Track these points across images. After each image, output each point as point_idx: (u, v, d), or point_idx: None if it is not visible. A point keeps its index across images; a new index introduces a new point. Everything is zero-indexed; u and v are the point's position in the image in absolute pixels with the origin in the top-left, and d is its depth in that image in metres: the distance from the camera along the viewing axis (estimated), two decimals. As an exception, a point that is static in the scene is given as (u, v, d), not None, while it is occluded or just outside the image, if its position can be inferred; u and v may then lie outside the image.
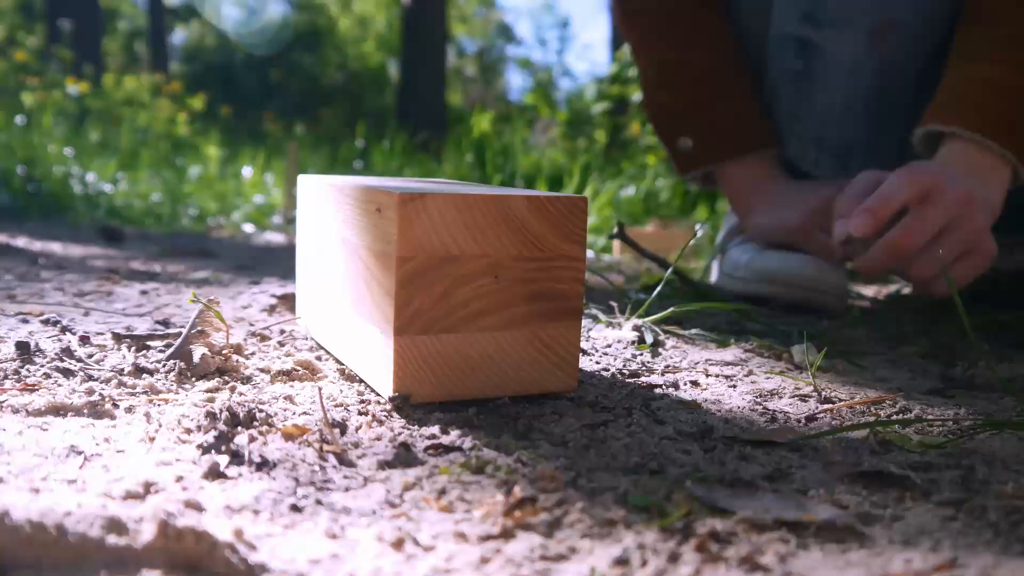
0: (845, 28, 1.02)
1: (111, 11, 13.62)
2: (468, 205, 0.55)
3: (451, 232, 0.54)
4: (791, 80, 1.08)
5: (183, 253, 1.60)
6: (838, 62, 1.04)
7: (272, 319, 0.86)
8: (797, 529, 0.39)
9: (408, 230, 0.53)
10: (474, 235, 0.55)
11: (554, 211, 0.57)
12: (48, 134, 3.15)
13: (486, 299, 0.56)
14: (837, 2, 1.01)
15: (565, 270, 0.58)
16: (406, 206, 0.53)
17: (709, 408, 0.60)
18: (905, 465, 0.48)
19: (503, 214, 0.56)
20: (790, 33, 1.06)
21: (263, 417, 0.52)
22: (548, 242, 0.57)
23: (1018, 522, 0.41)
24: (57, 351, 0.64)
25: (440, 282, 0.55)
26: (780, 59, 1.09)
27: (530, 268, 0.57)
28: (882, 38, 1.02)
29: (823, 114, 1.07)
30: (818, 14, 1.03)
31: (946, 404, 0.63)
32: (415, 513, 0.40)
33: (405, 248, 0.53)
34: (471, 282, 0.55)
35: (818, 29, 1.03)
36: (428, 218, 0.54)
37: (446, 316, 0.55)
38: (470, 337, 0.56)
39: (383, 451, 0.48)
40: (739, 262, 1.12)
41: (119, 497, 0.40)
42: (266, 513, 0.39)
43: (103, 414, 0.53)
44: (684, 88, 1.15)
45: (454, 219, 0.54)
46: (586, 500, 0.42)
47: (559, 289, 0.58)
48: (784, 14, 1.06)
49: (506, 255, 0.56)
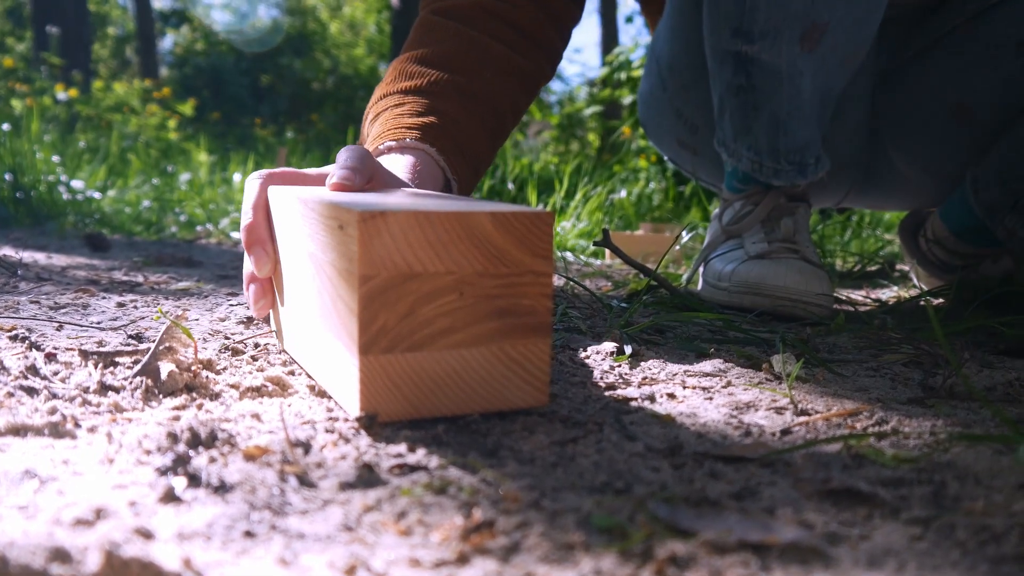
0: (776, 38, 1.02)
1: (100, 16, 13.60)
2: (431, 222, 0.54)
3: (414, 249, 0.53)
4: (735, 94, 1.08)
5: (168, 262, 1.59)
6: (776, 71, 1.04)
7: (248, 332, 0.85)
8: (760, 551, 0.38)
9: (369, 248, 0.52)
10: (437, 252, 0.54)
11: (519, 227, 0.56)
12: (36, 140, 3.13)
13: (452, 316, 0.55)
14: (765, 14, 1.01)
15: (532, 286, 0.57)
16: (367, 224, 0.52)
17: (683, 422, 0.59)
18: (876, 481, 0.48)
19: (467, 231, 0.55)
20: (726, 49, 1.06)
21: (226, 437, 0.51)
22: (513, 258, 0.56)
23: (986, 541, 0.40)
24: (22, 368, 0.63)
25: (404, 300, 0.54)
26: (722, 75, 1.09)
27: (496, 284, 0.56)
28: (814, 42, 1.02)
29: (772, 124, 1.07)
30: (748, 28, 1.03)
31: (924, 415, 0.63)
32: (371, 538, 0.39)
33: (367, 266, 0.52)
34: (436, 299, 0.54)
35: (750, 43, 1.03)
36: (390, 236, 0.53)
37: (411, 334, 0.54)
38: (437, 355, 0.55)
39: (346, 471, 0.47)
40: (723, 272, 1.12)
41: (68, 524, 0.39)
42: (218, 540, 0.38)
43: (64, 434, 0.52)
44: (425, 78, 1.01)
45: (417, 236, 0.53)
46: (547, 523, 0.41)
47: (526, 305, 0.57)
48: (717, 31, 1.06)
49: (471, 271, 0.55)
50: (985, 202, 1.18)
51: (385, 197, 0.64)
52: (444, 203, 0.59)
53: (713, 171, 1.36)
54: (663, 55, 1.31)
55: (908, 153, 1.27)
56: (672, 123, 1.36)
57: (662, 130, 1.40)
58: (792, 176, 1.11)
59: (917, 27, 1.24)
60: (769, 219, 1.13)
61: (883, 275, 1.74)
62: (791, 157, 1.10)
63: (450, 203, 0.60)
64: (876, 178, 1.35)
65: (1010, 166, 1.15)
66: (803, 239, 1.12)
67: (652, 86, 1.37)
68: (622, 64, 4.55)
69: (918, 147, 1.26)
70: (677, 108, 1.33)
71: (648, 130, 1.45)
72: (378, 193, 0.68)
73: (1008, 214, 1.15)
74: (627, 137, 4.11)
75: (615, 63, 4.59)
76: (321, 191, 0.69)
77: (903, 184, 1.34)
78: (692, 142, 1.35)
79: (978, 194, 1.19)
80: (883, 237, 2.67)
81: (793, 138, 1.08)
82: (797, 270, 1.03)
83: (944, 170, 1.26)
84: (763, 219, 1.14)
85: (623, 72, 4.52)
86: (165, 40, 14.59)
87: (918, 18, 1.24)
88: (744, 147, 1.11)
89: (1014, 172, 1.14)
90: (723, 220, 1.19)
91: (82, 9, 8.60)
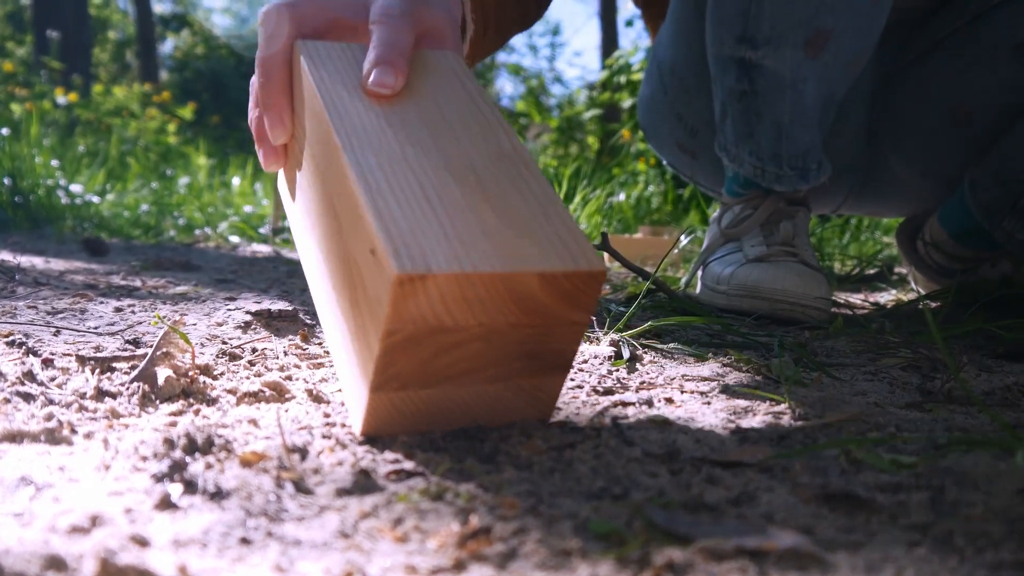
0: (781, 44, 1.02)
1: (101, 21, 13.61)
2: (473, 283, 0.48)
3: (448, 307, 0.49)
4: (738, 99, 1.08)
5: (166, 266, 1.59)
6: (779, 77, 1.04)
7: (245, 337, 0.85)
8: (758, 558, 0.38)
9: (401, 308, 0.48)
10: (473, 308, 0.49)
11: (569, 287, 0.51)
12: (36, 145, 3.13)
13: (474, 361, 0.52)
14: (769, 21, 1.01)
15: (566, 333, 0.53)
16: (403, 287, 0.47)
17: (681, 427, 0.59)
18: (874, 486, 0.48)
19: (511, 291, 0.50)
20: (729, 55, 1.06)
21: (222, 443, 0.51)
22: (554, 312, 0.52)
23: (984, 547, 0.40)
24: (19, 374, 0.63)
25: (427, 348, 0.50)
26: (724, 81, 1.09)
27: (528, 333, 0.52)
28: (819, 48, 1.02)
29: (774, 130, 1.08)
30: (752, 34, 1.03)
31: (922, 419, 0.63)
32: (368, 544, 0.39)
33: (395, 323, 0.48)
34: (461, 348, 0.51)
35: (754, 49, 1.03)
36: (425, 297, 0.48)
37: (428, 376, 0.52)
38: (450, 391, 0.53)
39: (342, 477, 0.47)
40: (721, 275, 1.12)
41: (64, 531, 0.39)
42: (214, 547, 0.38)
43: (60, 440, 0.52)
44: None
45: (455, 296, 0.48)
46: (544, 529, 0.41)
47: (555, 348, 0.54)
48: (720, 37, 1.07)
49: (504, 323, 0.51)
50: (983, 204, 1.18)
51: (422, 223, 0.51)
52: (491, 246, 0.50)
53: (712, 175, 1.37)
54: (665, 60, 1.31)
55: (907, 156, 1.28)
56: (672, 127, 1.36)
57: (662, 134, 1.40)
58: (794, 181, 1.11)
59: (918, 30, 1.24)
60: (768, 223, 1.13)
61: (881, 278, 1.74)
62: (793, 162, 1.10)
63: (499, 244, 0.50)
64: (874, 183, 1.35)
65: (1008, 168, 1.15)
66: (802, 242, 1.12)
67: (653, 90, 1.37)
68: (622, 67, 4.56)
69: (917, 150, 1.26)
70: (678, 112, 1.33)
71: (648, 134, 1.45)
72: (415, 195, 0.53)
73: (1007, 216, 1.15)
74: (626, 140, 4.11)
75: (615, 66, 4.60)
76: (353, 111, 0.57)
77: (901, 189, 1.34)
78: (692, 146, 1.35)
79: (976, 196, 1.19)
80: (881, 240, 2.67)
81: (795, 143, 1.09)
82: (796, 273, 1.03)
83: (942, 174, 1.26)
84: (762, 223, 1.14)
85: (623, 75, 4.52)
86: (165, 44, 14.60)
87: (919, 21, 1.24)
88: (746, 152, 1.11)
89: (1013, 174, 1.14)
90: (722, 223, 1.19)
91: (83, 13, 8.61)
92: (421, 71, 0.63)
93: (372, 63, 0.60)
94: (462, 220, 0.51)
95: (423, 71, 0.63)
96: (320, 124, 0.58)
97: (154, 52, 11.52)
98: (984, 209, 1.18)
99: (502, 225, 0.52)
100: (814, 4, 1.00)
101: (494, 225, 0.51)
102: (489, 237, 0.50)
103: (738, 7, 1.03)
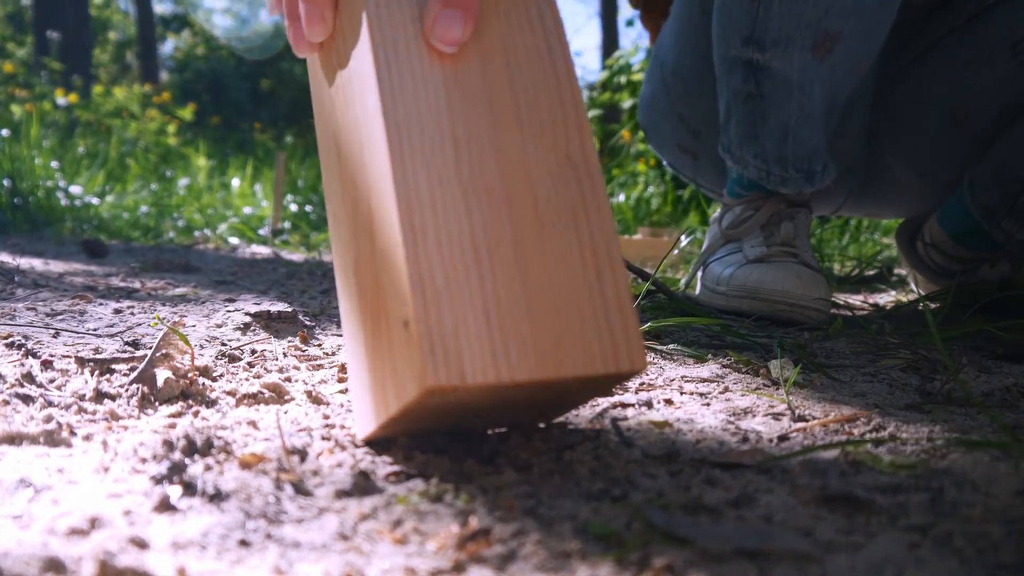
0: (789, 46, 1.02)
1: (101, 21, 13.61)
2: (505, 387, 0.45)
3: (474, 396, 0.46)
4: (744, 101, 1.08)
5: (165, 268, 1.59)
6: (786, 79, 1.04)
7: (245, 338, 0.85)
8: (757, 559, 0.38)
9: (426, 399, 0.45)
10: (499, 395, 0.46)
11: (604, 382, 0.48)
12: (35, 146, 3.13)
13: (489, 416, 0.51)
14: (778, 23, 1.01)
15: (586, 399, 0.53)
16: (432, 393, 0.44)
17: (680, 428, 0.59)
18: (873, 488, 0.47)
19: (542, 387, 0.46)
20: (736, 57, 1.06)
21: (222, 444, 0.51)
22: (582, 394, 0.51)
23: (984, 549, 0.40)
24: (18, 376, 0.63)
25: (446, 415, 0.49)
26: (730, 82, 1.09)
27: (549, 402, 0.51)
28: (826, 50, 1.02)
29: (780, 132, 1.08)
30: (760, 36, 1.03)
31: (922, 420, 0.63)
32: (367, 546, 0.39)
33: (415, 406, 0.46)
34: (478, 410, 0.49)
35: (762, 51, 1.03)
36: (454, 395, 0.45)
37: (441, 421, 0.51)
38: (459, 423, 0.52)
39: (342, 479, 0.47)
40: (721, 276, 1.12)
41: (63, 533, 0.39)
42: (213, 549, 0.38)
43: (59, 442, 0.52)
44: None
45: (483, 391, 0.45)
46: (543, 530, 0.41)
47: (572, 401, 0.53)
48: (726, 39, 1.07)
49: (527, 400, 0.49)
50: (983, 204, 1.18)
51: (465, 302, 0.45)
52: (532, 339, 0.46)
53: (713, 176, 1.36)
54: (668, 60, 1.31)
55: (906, 157, 1.28)
56: (674, 128, 1.36)
57: (663, 135, 1.40)
58: (800, 184, 1.11)
59: (919, 29, 1.24)
60: (769, 223, 1.13)
61: (881, 279, 1.73)
62: (799, 165, 1.10)
63: (541, 335, 0.46)
64: (873, 185, 1.35)
65: (1007, 167, 1.15)
66: (802, 243, 1.12)
67: (655, 90, 1.37)
68: (622, 68, 4.56)
69: (916, 150, 1.26)
70: (680, 113, 1.33)
71: (649, 134, 1.45)
72: None
73: (1005, 216, 1.15)
74: (626, 141, 4.11)
75: (615, 67, 4.59)
76: None
77: (900, 191, 1.34)
78: (693, 147, 1.35)
79: (975, 196, 1.19)
80: (881, 241, 2.67)
81: (801, 146, 1.09)
82: (795, 274, 1.03)
83: (942, 175, 1.26)
84: (763, 223, 1.14)
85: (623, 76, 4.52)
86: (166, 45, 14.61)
87: (919, 21, 1.24)
88: (750, 155, 1.11)
89: (1012, 173, 1.14)
90: (723, 224, 1.19)
91: (83, 14, 8.61)
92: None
93: (440, 2, 0.49)
94: (507, 293, 0.46)
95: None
96: (366, 80, 0.49)
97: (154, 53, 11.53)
98: (983, 209, 1.18)
99: (548, 300, 0.47)
100: (823, 6, 1.00)
101: (540, 300, 0.46)
102: (532, 320, 0.46)
103: (746, 9, 1.03)
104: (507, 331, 0.45)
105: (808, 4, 1.00)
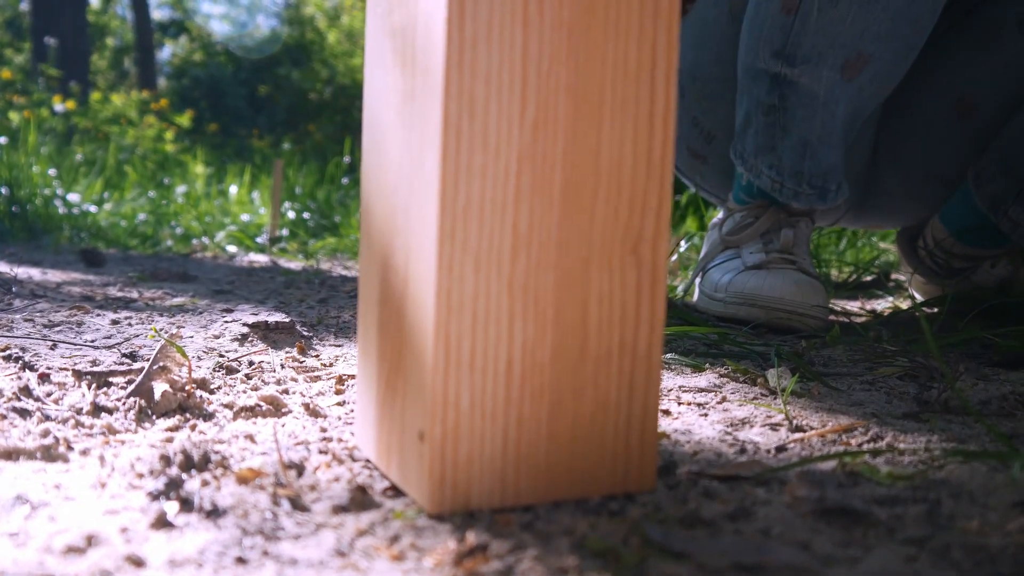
0: (819, 64, 1.02)
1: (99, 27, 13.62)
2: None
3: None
4: (766, 113, 1.08)
5: (163, 277, 1.58)
6: (812, 96, 1.04)
7: (243, 350, 0.85)
8: (755, 573, 0.38)
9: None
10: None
11: None
12: (33, 153, 3.13)
13: None
14: (811, 40, 1.02)
15: None
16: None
17: (678, 439, 0.59)
18: (871, 499, 0.47)
19: None
20: (763, 68, 1.06)
21: (219, 459, 0.51)
22: None
23: (981, 561, 0.40)
24: (15, 390, 0.63)
25: None
26: (753, 92, 1.09)
27: None
28: (855, 71, 1.02)
29: (800, 148, 1.08)
30: (791, 51, 1.03)
31: (919, 430, 0.63)
32: (364, 563, 0.39)
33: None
34: None
35: (791, 66, 1.03)
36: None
37: None
38: None
39: (339, 494, 0.47)
40: (719, 283, 1.12)
41: (59, 552, 0.38)
42: (210, 566, 0.38)
43: (56, 457, 0.52)
44: None
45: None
46: (541, 546, 0.41)
47: None
48: (755, 49, 1.07)
49: None
50: (988, 194, 1.17)
51: (486, 425, 0.44)
52: (545, 462, 0.45)
53: (720, 181, 1.36)
54: (685, 63, 1.31)
55: (909, 159, 1.27)
56: (686, 131, 1.36)
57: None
58: (812, 200, 1.11)
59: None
60: (769, 231, 1.14)
61: (878, 285, 1.74)
62: (814, 181, 1.10)
63: (555, 456, 0.46)
64: (873, 194, 1.35)
65: (1014, 153, 1.14)
66: (801, 251, 1.12)
67: None
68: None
69: (920, 149, 1.26)
70: (694, 116, 1.33)
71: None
72: None
73: (1012, 204, 1.15)
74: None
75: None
76: None
77: (899, 199, 1.33)
78: (704, 151, 1.35)
79: (981, 187, 1.18)
80: (878, 246, 2.68)
81: (819, 163, 1.09)
82: (793, 281, 1.03)
83: (944, 174, 1.26)
84: (763, 231, 1.14)
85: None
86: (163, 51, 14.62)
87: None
88: (765, 165, 1.11)
89: (1019, 159, 1.14)
90: (723, 230, 1.19)
91: (81, 20, 8.61)
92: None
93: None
94: (532, 413, 0.44)
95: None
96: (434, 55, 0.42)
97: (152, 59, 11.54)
98: (989, 199, 1.17)
99: (571, 425, 0.45)
100: (859, 28, 1.00)
101: (562, 425, 0.45)
102: (550, 444, 0.45)
103: (780, 23, 1.03)
104: (522, 457, 0.45)
105: (844, 24, 1.00)
